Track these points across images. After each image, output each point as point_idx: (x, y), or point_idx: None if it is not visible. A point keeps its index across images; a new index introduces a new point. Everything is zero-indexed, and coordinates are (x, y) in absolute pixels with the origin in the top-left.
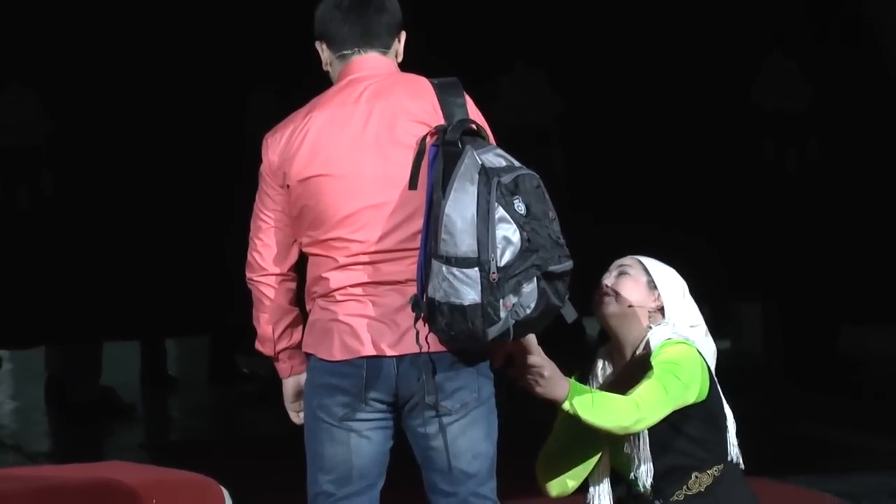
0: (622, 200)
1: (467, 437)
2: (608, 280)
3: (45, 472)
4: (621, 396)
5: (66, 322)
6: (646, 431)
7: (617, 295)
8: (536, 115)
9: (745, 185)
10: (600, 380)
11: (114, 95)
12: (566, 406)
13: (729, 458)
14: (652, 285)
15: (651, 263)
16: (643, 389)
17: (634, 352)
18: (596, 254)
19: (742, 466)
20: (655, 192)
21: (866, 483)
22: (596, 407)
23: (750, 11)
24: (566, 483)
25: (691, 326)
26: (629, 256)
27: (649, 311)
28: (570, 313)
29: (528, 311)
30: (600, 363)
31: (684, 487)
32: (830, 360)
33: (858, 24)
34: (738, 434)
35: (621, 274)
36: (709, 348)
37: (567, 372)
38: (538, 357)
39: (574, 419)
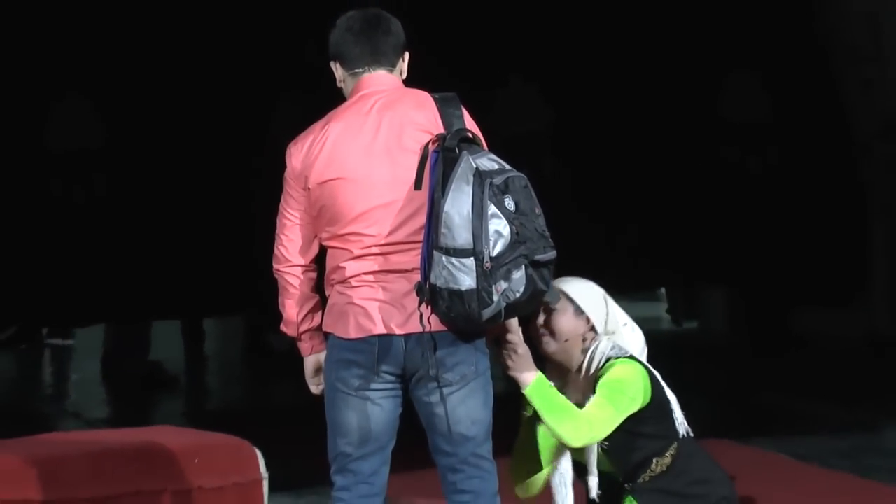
0: (607, 200)
1: (466, 405)
2: (540, 320)
3: (102, 435)
4: (580, 413)
5: (119, 304)
6: (595, 448)
7: (553, 333)
8: (529, 124)
9: (712, 188)
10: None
11: (158, 103)
12: (528, 392)
13: (680, 436)
14: (579, 311)
15: (572, 290)
16: (595, 410)
17: (579, 369)
18: (580, 246)
19: (692, 435)
20: (636, 194)
21: (816, 445)
22: (555, 409)
23: (717, 32)
24: (537, 481)
25: (623, 325)
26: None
27: (583, 335)
28: (553, 297)
29: (518, 295)
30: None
31: (648, 471)
32: (784, 337)
33: (812, 45)
34: (689, 405)
35: (550, 311)
36: (638, 340)
37: None
38: (516, 336)
39: (534, 415)
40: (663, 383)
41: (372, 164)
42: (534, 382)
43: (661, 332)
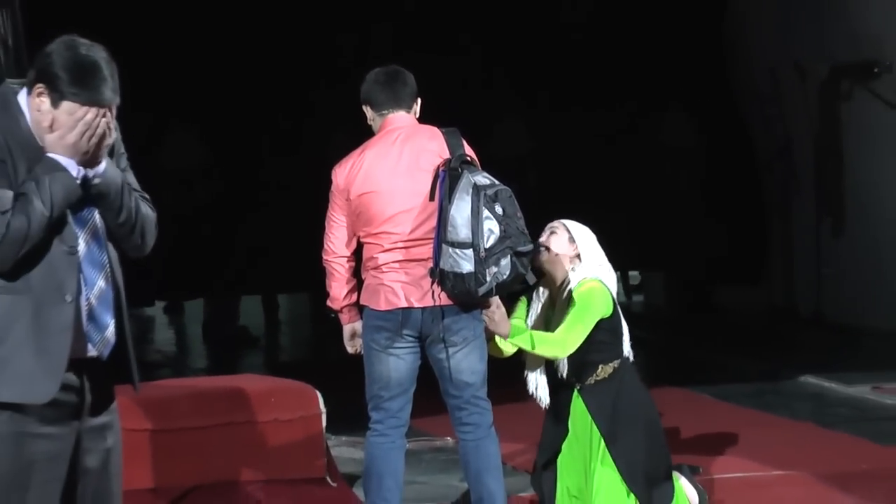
0: (575, 206)
1: (468, 360)
2: (543, 238)
3: (202, 381)
4: (554, 336)
5: (215, 283)
6: None
7: (548, 248)
8: (517, 150)
9: (655, 196)
10: (541, 299)
11: (245, 133)
12: (510, 339)
13: (624, 356)
14: (571, 239)
15: (572, 224)
16: (567, 329)
17: (561, 285)
18: None
19: (632, 361)
20: (598, 201)
21: (730, 388)
22: (534, 342)
23: (658, 81)
24: (504, 352)
25: (599, 265)
26: (558, 220)
27: (570, 257)
28: (531, 278)
29: (505, 277)
30: (540, 290)
31: (594, 375)
32: (707, 307)
33: (727, 90)
34: (634, 346)
35: (551, 233)
36: (611, 279)
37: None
38: (495, 304)
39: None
40: (620, 310)
41: (397, 180)
42: (511, 330)
43: None
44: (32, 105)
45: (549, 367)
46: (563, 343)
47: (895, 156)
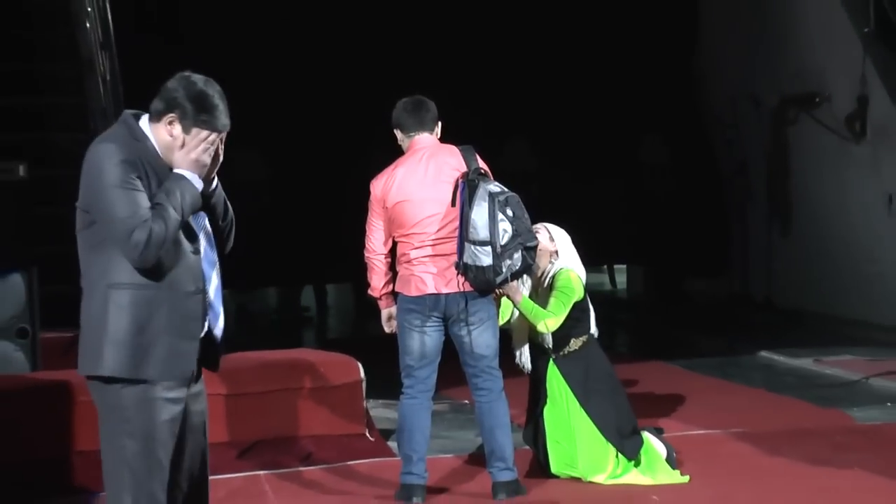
0: (570, 210)
1: (483, 336)
2: None
3: (265, 354)
4: (547, 312)
5: (278, 276)
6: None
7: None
8: (523, 165)
9: (635, 205)
10: (526, 286)
11: (299, 153)
12: (520, 304)
13: (591, 332)
14: (551, 238)
15: (551, 226)
16: (555, 308)
17: (544, 274)
18: None
19: (596, 336)
20: (589, 208)
21: (698, 361)
22: (535, 313)
23: (637, 110)
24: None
25: (573, 261)
26: (540, 223)
27: (550, 253)
28: (536, 267)
29: (517, 268)
30: (524, 277)
31: (567, 347)
32: (679, 295)
33: (695, 116)
34: (599, 324)
35: (535, 232)
36: (582, 270)
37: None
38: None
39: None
40: (588, 295)
41: (424, 191)
42: (523, 300)
43: (604, 291)
44: (165, 131)
45: (533, 340)
46: (555, 320)
47: (832, 171)
